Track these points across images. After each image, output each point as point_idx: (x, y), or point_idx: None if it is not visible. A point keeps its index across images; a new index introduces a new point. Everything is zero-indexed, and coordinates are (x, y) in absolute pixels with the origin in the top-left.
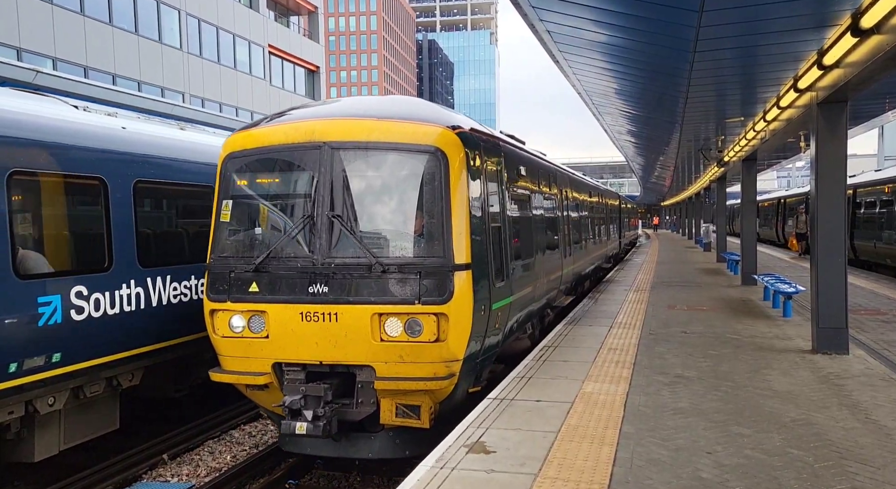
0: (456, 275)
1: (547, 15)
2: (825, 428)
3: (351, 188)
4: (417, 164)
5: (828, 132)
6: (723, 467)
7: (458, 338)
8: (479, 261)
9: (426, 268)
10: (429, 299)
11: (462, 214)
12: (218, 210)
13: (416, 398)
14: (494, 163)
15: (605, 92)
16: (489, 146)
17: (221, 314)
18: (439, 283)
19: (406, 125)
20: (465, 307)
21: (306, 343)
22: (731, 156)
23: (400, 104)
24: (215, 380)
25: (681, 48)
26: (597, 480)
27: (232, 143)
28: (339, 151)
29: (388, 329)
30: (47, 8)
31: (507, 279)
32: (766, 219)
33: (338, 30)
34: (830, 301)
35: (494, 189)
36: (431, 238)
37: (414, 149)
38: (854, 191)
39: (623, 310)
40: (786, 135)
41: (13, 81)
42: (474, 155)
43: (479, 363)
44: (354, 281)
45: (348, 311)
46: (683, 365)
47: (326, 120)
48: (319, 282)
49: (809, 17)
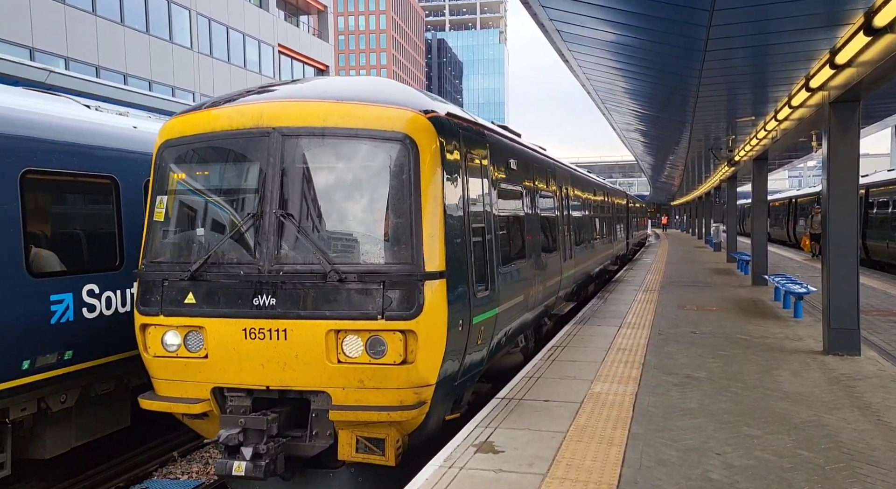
0: (427, 285)
1: (556, 14)
2: (836, 429)
3: (305, 182)
4: (382, 154)
5: (840, 132)
6: (732, 468)
7: (429, 360)
8: (457, 268)
9: (391, 276)
10: (394, 313)
11: (435, 214)
12: (151, 207)
13: (380, 430)
14: (478, 154)
15: (614, 91)
16: (472, 135)
17: (153, 329)
18: (407, 295)
19: (370, 108)
20: (437, 322)
21: (250, 364)
22: (742, 155)
23: (366, 85)
24: (145, 408)
25: (691, 47)
26: (605, 481)
27: (169, 129)
28: (291, 139)
29: (347, 348)
30: (59, 8)
31: (493, 288)
32: (777, 219)
33: (347, 29)
34: (842, 301)
35: (478, 185)
36: (398, 241)
37: (378, 136)
38: (866, 190)
39: (632, 310)
40: (797, 134)
41: (26, 81)
42: (452, 144)
43: (458, 386)
44: (307, 291)
45: (299, 327)
46: (693, 365)
47: (277, 102)
48: (266, 293)
49: (821, 16)
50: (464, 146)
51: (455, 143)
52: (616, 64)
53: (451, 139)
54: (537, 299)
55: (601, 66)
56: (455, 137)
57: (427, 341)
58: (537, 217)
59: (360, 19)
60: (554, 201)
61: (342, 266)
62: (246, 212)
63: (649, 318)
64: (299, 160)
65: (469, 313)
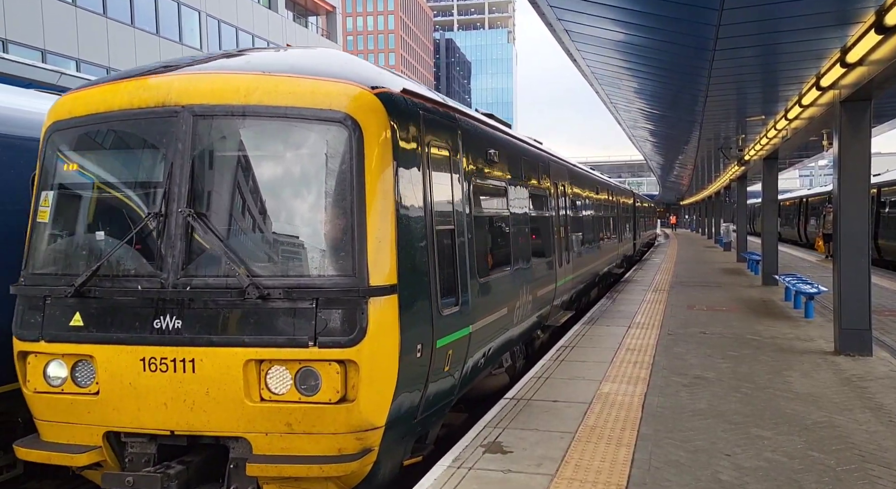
0: (372, 303)
1: (565, 14)
2: (847, 430)
3: (220, 174)
4: (317, 139)
5: (851, 130)
6: (742, 470)
7: (375, 396)
8: (414, 281)
9: (327, 292)
10: (330, 339)
11: (385, 214)
12: (35, 206)
13: (315, 486)
14: (447, 143)
15: (623, 91)
16: (437, 119)
17: (34, 359)
18: (346, 315)
19: (304, 82)
20: (386, 348)
21: (151, 403)
22: (752, 154)
23: (305, 55)
24: (22, 459)
25: (701, 47)
26: (614, 481)
27: (58, 108)
28: (205, 120)
29: (271, 383)
30: (71, 10)
31: (465, 302)
32: (788, 218)
33: (355, 29)
34: (853, 301)
35: (446, 179)
36: (336, 248)
37: (312, 116)
38: (878, 190)
39: (641, 310)
40: (808, 133)
41: (38, 83)
42: (410, 129)
43: (420, 423)
44: (221, 312)
45: (211, 357)
46: (702, 366)
47: (190, 74)
48: (170, 314)
49: (832, 15)
50: (427, 132)
51: (414, 127)
52: (624, 63)
53: (408, 122)
54: (526, 311)
55: (609, 65)
56: (413, 121)
57: (372, 373)
58: (526, 217)
59: (368, 20)
60: (548, 200)
61: (265, 279)
62: (147, 211)
63: (658, 318)
64: (214, 146)
65: (431, 335)
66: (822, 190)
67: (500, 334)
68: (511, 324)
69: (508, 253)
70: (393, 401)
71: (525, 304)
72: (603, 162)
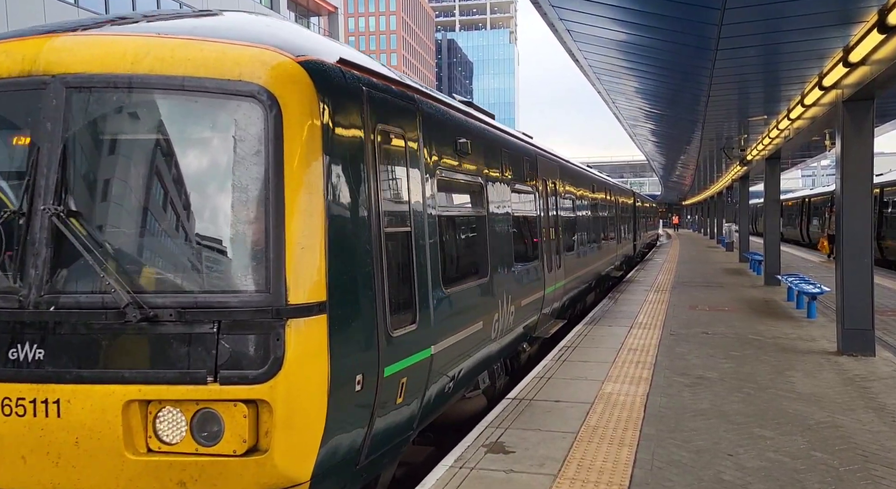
0: (292, 326)
1: (567, 14)
2: (851, 431)
3: (99, 162)
4: (222, 119)
5: (853, 130)
6: (745, 470)
7: (296, 444)
8: (352, 296)
9: (232, 313)
10: (235, 374)
11: (311, 214)
12: None
13: None
14: (402, 129)
15: (624, 91)
16: (389, 99)
17: None
18: (257, 343)
19: (206, 46)
20: (310, 384)
21: (4, 457)
22: (754, 154)
23: (215, 18)
24: None
25: (703, 46)
26: (616, 481)
27: None
28: (81, 93)
29: (161, 430)
30: (73, 11)
31: (425, 319)
32: (791, 218)
33: (357, 30)
34: (856, 301)
35: (400, 172)
36: (245, 257)
37: (216, 89)
38: (881, 190)
39: (643, 310)
40: (810, 133)
41: None
42: (351, 109)
43: (365, 468)
44: (95, 339)
45: (82, 397)
46: (705, 366)
47: (65, 37)
48: (29, 341)
49: (834, 14)
50: (375, 114)
51: (356, 107)
52: (626, 63)
53: (346, 101)
54: (508, 324)
55: (611, 65)
56: (355, 99)
57: (291, 415)
58: (508, 218)
59: (370, 20)
60: (535, 198)
61: (153, 297)
62: (4, 209)
63: (660, 319)
64: (92, 127)
65: (377, 361)
66: (824, 190)
67: (474, 352)
68: (489, 339)
69: (485, 258)
70: (322, 448)
71: (506, 316)
72: (605, 162)
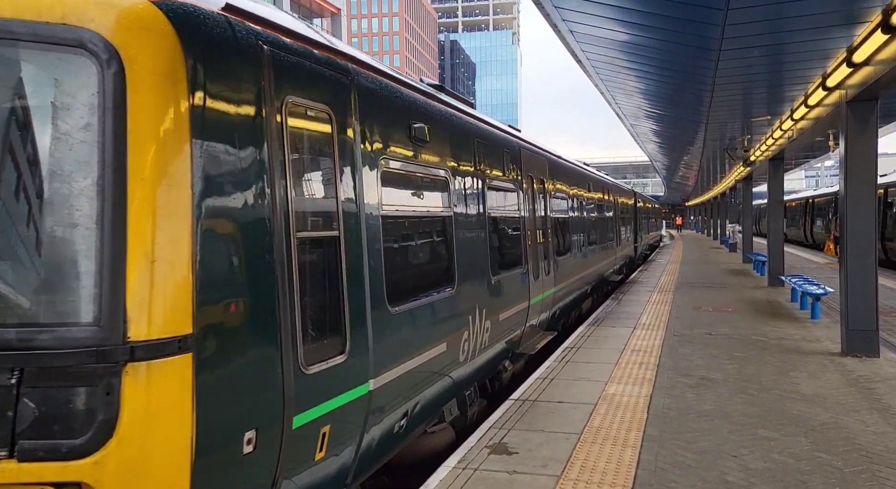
0: (133, 374)
1: (570, 15)
2: (855, 432)
3: None
4: (38, 78)
5: (857, 131)
6: (749, 471)
7: None
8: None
9: (39, 357)
10: (42, 446)
11: (172, 213)
12: None
13: None
14: (326, 104)
15: (628, 91)
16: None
17: None
18: (76, 399)
19: None
20: (160, 454)
21: None
22: (758, 155)
23: None
24: None
25: (706, 47)
26: (620, 482)
27: None
28: None
29: None
30: None
31: (359, 346)
32: (794, 219)
33: (360, 31)
34: (860, 302)
35: (325, 161)
36: (63, 274)
37: (28, 35)
38: (885, 190)
39: (647, 311)
40: (814, 133)
41: None
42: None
43: None
44: None
45: None
46: (708, 367)
47: None
48: None
49: (838, 14)
50: (280, 83)
51: (251, 72)
52: (630, 64)
53: (236, 62)
54: (482, 342)
55: (615, 66)
56: (250, 61)
57: None
58: (482, 219)
59: (373, 22)
60: (519, 197)
61: None
62: None
63: (664, 319)
64: None
65: (282, 409)
66: (828, 190)
67: (434, 380)
68: (455, 362)
69: (451, 267)
70: None
71: (480, 333)
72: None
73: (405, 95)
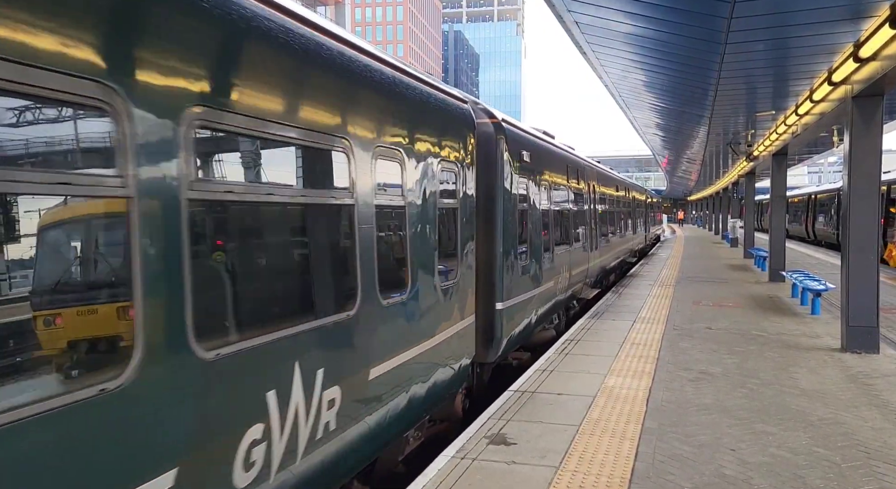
0: None
1: (575, 6)
2: (853, 427)
3: None
4: None
5: (862, 126)
6: (747, 465)
7: None
8: None
9: None
10: None
11: None
12: None
13: None
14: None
15: (632, 84)
16: (514, 137)
17: None
18: None
19: None
20: None
21: None
22: (761, 150)
23: None
24: None
25: (711, 40)
26: (618, 474)
27: None
28: None
29: None
30: None
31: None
32: (796, 215)
33: (364, 20)
34: (861, 298)
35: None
36: None
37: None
38: (889, 187)
39: (647, 305)
40: (818, 129)
41: None
42: (502, 143)
43: None
44: None
45: None
46: (708, 361)
47: None
48: None
49: (845, 9)
50: (507, 144)
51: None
52: (634, 56)
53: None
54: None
55: (619, 58)
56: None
57: None
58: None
59: (377, 10)
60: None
61: None
62: None
63: (664, 314)
64: None
65: None
66: (830, 186)
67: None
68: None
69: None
70: None
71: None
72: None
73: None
